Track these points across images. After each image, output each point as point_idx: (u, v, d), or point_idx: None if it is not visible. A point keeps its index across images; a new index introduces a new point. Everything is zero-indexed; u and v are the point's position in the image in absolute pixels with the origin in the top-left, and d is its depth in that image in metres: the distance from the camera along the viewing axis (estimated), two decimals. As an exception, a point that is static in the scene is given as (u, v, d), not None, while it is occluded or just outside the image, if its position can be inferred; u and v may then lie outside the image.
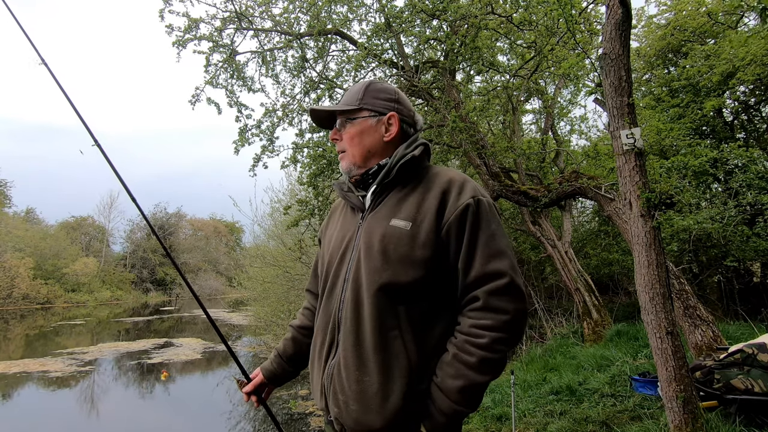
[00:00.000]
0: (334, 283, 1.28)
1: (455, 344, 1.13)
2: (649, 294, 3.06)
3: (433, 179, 1.26)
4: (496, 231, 1.17)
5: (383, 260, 1.17)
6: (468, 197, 1.18)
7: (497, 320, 1.10)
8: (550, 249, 8.50)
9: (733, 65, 6.66)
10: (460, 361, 1.11)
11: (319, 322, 1.31)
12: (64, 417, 7.38)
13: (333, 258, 1.31)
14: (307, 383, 7.82)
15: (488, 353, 1.09)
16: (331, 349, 1.23)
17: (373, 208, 1.28)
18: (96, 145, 1.64)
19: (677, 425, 2.95)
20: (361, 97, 1.34)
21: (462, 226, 1.16)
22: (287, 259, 10.57)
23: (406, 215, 1.20)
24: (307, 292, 1.55)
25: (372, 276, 1.17)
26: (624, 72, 3.13)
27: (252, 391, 1.47)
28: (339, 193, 1.40)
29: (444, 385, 1.12)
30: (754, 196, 5.52)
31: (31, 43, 1.74)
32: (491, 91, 7.22)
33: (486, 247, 1.15)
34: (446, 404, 1.11)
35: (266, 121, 6.29)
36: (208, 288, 37.85)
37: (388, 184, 1.28)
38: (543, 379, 5.33)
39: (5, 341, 15.75)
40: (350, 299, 1.20)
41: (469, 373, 1.10)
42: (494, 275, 1.12)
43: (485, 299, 1.12)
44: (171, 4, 5.69)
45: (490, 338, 1.09)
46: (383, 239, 1.19)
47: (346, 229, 1.32)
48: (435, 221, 1.17)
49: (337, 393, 1.18)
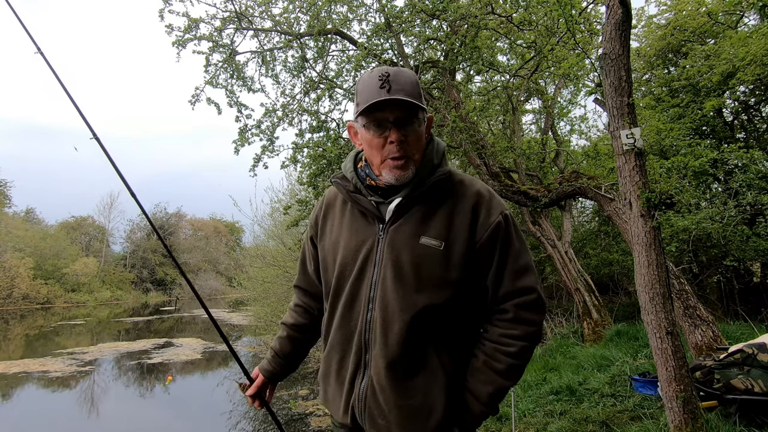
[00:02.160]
0: (352, 300, 1.22)
1: (485, 351, 1.18)
2: (649, 294, 3.06)
3: (459, 192, 1.21)
4: (521, 246, 1.21)
5: (417, 283, 1.14)
6: (497, 215, 1.19)
7: (525, 331, 1.17)
8: (550, 249, 8.50)
9: (733, 65, 6.66)
10: (490, 367, 1.16)
11: (335, 337, 1.26)
12: (64, 417, 7.38)
13: (346, 270, 1.23)
14: (307, 383, 7.82)
15: (516, 360, 1.16)
16: (358, 370, 1.20)
17: (394, 221, 1.19)
18: (94, 138, 1.63)
19: (677, 425, 2.95)
20: (420, 92, 1.18)
21: (493, 245, 1.18)
22: (287, 259, 10.57)
23: (436, 233, 1.16)
24: (296, 289, 1.49)
25: (405, 299, 1.14)
26: (624, 72, 3.12)
27: (255, 393, 1.46)
28: (342, 192, 1.28)
29: (476, 390, 1.17)
30: (754, 196, 5.52)
31: (27, 31, 1.72)
32: (491, 91, 7.22)
33: (514, 263, 1.19)
34: (478, 408, 1.17)
35: (266, 121, 6.30)
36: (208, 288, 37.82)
37: (416, 198, 1.19)
38: (543, 379, 5.33)
39: (5, 341, 15.74)
40: (379, 320, 1.16)
41: (499, 378, 1.16)
42: (524, 291, 1.18)
43: (515, 312, 1.17)
44: (171, 4, 5.70)
45: (519, 347, 1.16)
46: (414, 259, 1.15)
47: (361, 238, 1.22)
48: (468, 240, 1.16)
49: (375, 417, 1.18)
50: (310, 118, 6.33)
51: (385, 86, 1.12)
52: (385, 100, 1.11)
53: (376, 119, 1.15)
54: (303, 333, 1.46)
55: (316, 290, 1.42)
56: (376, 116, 1.15)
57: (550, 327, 8.79)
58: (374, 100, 1.12)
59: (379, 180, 1.22)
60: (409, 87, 1.15)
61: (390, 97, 1.11)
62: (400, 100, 1.12)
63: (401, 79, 1.15)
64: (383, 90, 1.12)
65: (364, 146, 1.23)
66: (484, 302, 1.22)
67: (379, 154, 1.18)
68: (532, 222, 8.82)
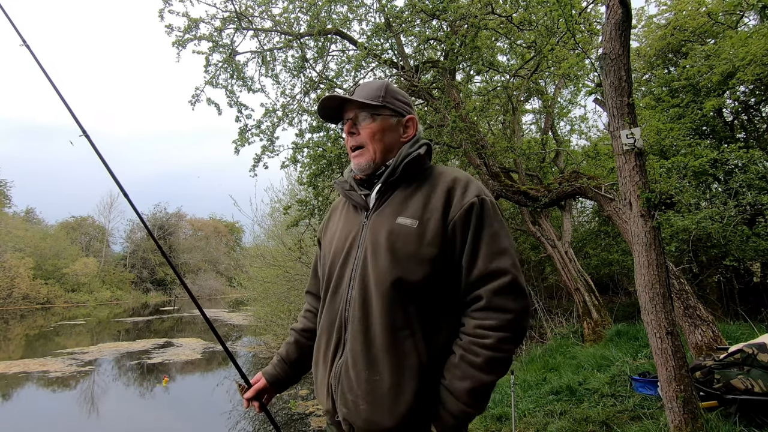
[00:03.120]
0: (338, 283, 1.26)
1: (461, 345, 1.14)
2: (649, 294, 3.06)
3: (437, 178, 1.27)
4: (499, 230, 1.19)
5: (391, 258, 1.17)
6: (473, 196, 1.20)
7: (501, 320, 1.12)
8: (550, 249, 8.50)
9: (733, 65, 6.65)
10: (466, 362, 1.12)
11: (323, 322, 1.30)
12: (64, 417, 7.38)
13: (336, 257, 1.29)
14: (307, 383, 7.81)
15: (494, 353, 1.11)
16: (338, 349, 1.22)
17: (377, 207, 1.28)
18: (84, 135, 1.62)
19: (677, 425, 2.95)
20: (383, 95, 1.33)
21: (467, 225, 1.18)
22: (287, 259, 10.57)
23: (412, 213, 1.21)
24: (307, 294, 1.53)
25: (381, 274, 1.17)
26: (624, 72, 3.12)
27: (253, 396, 1.44)
28: (341, 191, 1.38)
29: (452, 386, 1.12)
30: (754, 196, 5.51)
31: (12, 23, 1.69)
32: (491, 91, 7.23)
33: (489, 245, 1.16)
34: (455, 406, 1.12)
35: (266, 121, 6.30)
36: (208, 288, 37.85)
37: (392, 183, 1.29)
38: (543, 379, 5.33)
39: (5, 341, 15.74)
40: (357, 298, 1.19)
41: (477, 373, 1.11)
42: (497, 273, 1.14)
43: (488, 298, 1.13)
44: (171, 4, 5.69)
45: (496, 338, 1.11)
46: (390, 237, 1.19)
47: (350, 227, 1.31)
48: (441, 219, 1.19)
49: (345, 393, 1.17)
50: (310, 118, 6.33)
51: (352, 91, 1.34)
52: (332, 97, 1.32)
53: (343, 121, 1.36)
54: (310, 338, 1.44)
55: None
56: (343, 119, 1.36)
57: (550, 327, 8.79)
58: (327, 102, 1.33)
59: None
60: (369, 92, 1.32)
61: (332, 95, 1.32)
62: (346, 99, 1.32)
63: (367, 85, 1.35)
64: (346, 95, 1.33)
65: None
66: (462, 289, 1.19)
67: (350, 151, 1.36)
68: (532, 222, 8.82)
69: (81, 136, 1.61)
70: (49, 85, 1.67)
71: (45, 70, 1.68)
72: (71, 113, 1.64)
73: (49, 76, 1.68)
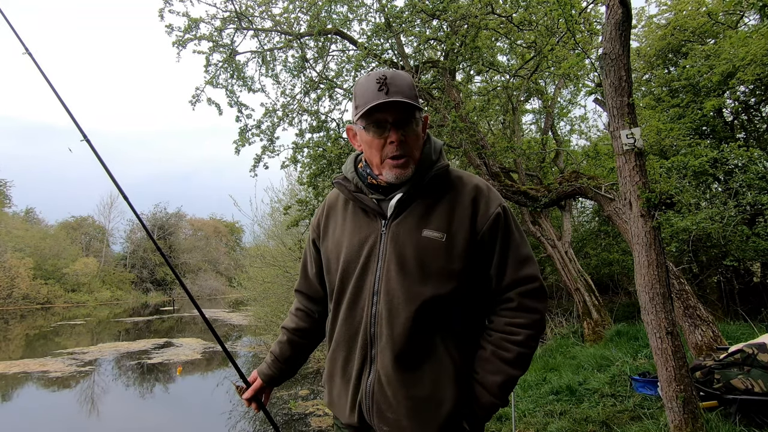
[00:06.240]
0: (356, 295, 1.23)
1: (491, 342, 1.19)
2: (649, 294, 3.06)
3: (458, 186, 1.25)
4: (521, 238, 1.25)
5: (422, 274, 1.16)
6: (496, 206, 1.22)
7: (530, 319, 1.18)
8: (550, 249, 8.50)
9: (733, 65, 6.65)
10: (498, 357, 1.17)
11: (339, 335, 1.26)
12: (64, 417, 7.38)
13: (350, 267, 1.24)
14: (307, 383, 7.81)
15: (524, 349, 1.17)
16: (364, 366, 1.21)
17: (396, 216, 1.22)
18: (85, 140, 1.62)
19: (677, 425, 2.95)
20: (416, 93, 1.22)
21: (494, 236, 1.21)
22: (287, 259, 10.57)
23: (437, 226, 1.19)
24: (297, 293, 1.51)
25: (411, 290, 1.16)
26: (624, 72, 3.12)
27: (252, 396, 1.46)
28: (344, 192, 1.31)
29: (485, 381, 1.17)
30: (754, 196, 5.51)
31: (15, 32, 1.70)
32: (491, 91, 7.23)
33: (516, 253, 1.22)
34: (488, 399, 1.17)
35: (266, 121, 6.30)
36: (208, 288, 37.84)
37: (416, 193, 1.23)
38: (543, 379, 5.33)
39: (5, 341, 15.74)
40: (384, 313, 1.17)
41: (507, 368, 1.16)
42: (527, 279, 1.20)
43: (519, 301, 1.19)
44: (171, 3, 5.70)
45: (525, 335, 1.17)
46: (418, 251, 1.17)
47: (363, 234, 1.24)
48: (469, 232, 1.19)
49: (384, 411, 1.17)
50: (310, 118, 6.33)
51: (383, 89, 1.16)
52: (384, 102, 1.15)
53: (376, 121, 1.18)
54: (304, 337, 1.47)
55: (317, 294, 1.44)
56: (376, 118, 1.18)
57: (550, 327, 8.79)
58: (374, 102, 1.15)
59: (379, 179, 1.25)
60: (406, 89, 1.18)
61: (388, 99, 1.15)
62: (398, 101, 1.15)
63: (398, 81, 1.18)
64: (381, 92, 1.16)
65: (364, 147, 1.26)
66: (488, 293, 1.23)
67: (378, 154, 1.21)
68: (532, 222, 8.82)
69: (82, 141, 1.61)
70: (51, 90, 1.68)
71: (47, 78, 1.68)
72: (72, 119, 1.65)
73: (51, 83, 1.68)
